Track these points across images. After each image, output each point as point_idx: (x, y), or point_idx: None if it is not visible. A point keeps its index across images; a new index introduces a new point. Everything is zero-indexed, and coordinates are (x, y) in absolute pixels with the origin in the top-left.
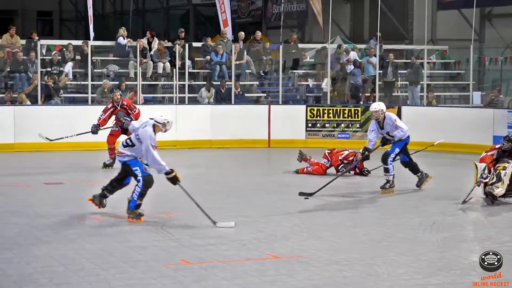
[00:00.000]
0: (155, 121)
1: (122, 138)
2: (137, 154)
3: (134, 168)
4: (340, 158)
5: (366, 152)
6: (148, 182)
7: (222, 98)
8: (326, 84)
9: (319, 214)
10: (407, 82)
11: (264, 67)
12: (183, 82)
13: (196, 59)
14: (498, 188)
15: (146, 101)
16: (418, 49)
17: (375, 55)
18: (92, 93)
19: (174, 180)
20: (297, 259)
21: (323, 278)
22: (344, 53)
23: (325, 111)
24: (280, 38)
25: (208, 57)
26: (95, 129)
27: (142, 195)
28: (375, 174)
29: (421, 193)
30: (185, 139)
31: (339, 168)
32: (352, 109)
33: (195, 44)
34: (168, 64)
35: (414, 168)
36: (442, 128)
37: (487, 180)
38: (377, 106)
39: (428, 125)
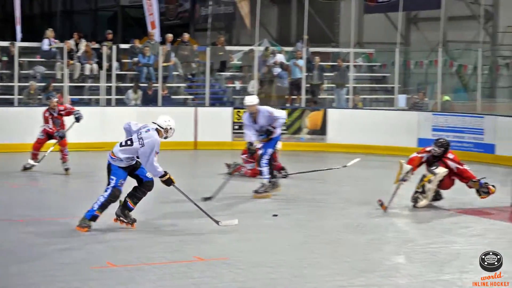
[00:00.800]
0: (158, 125)
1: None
2: (132, 153)
3: (112, 175)
4: None
5: (251, 147)
6: (115, 196)
7: (149, 100)
8: (253, 86)
9: (244, 216)
10: (333, 85)
11: (192, 69)
12: (110, 84)
13: (123, 60)
14: (422, 200)
15: (73, 103)
16: (344, 52)
17: (301, 58)
18: (18, 94)
19: (169, 183)
20: (223, 261)
21: (249, 280)
22: (271, 55)
23: None
24: (207, 40)
25: (136, 59)
26: (62, 135)
27: (104, 206)
28: (301, 177)
29: (346, 195)
30: (112, 140)
31: None
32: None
33: (122, 46)
34: (95, 66)
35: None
36: (368, 130)
37: (406, 180)
38: (253, 99)
39: (354, 127)
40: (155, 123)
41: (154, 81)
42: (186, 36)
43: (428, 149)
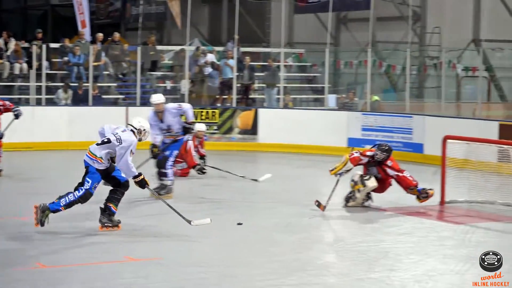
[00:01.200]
0: (133, 127)
1: None
2: (109, 149)
3: (87, 177)
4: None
5: (154, 149)
6: (85, 198)
7: (79, 99)
8: (184, 86)
9: (175, 216)
10: (264, 85)
11: (122, 68)
12: (40, 83)
13: (53, 60)
14: (353, 201)
15: None
16: (275, 52)
17: (232, 58)
18: None
19: (143, 184)
20: (155, 261)
21: (181, 280)
22: (202, 55)
23: None
24: (138, 40)
25: (66, 58)
26: (1, 135)
27: (70, 204)
28: (232, 177)
29: (277, 195)
30: (42, 140)
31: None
32: (210, 111)
33: (52, 45)
34: (25, 65)
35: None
36: (298, 130)
37: (342, 176)
38: (160, 97)
39: (285, 127)
40: (130, 125)
41: (84, 81)
42: (116, 35)
43: (369, 153)
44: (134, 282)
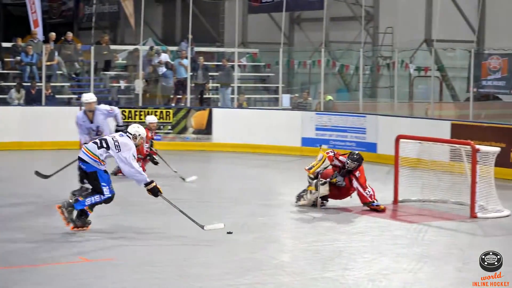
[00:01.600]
0: (128, 132)
1: None
2: (108, 153)
3: (102, 184)
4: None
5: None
6: (110, 201)
7: (32, 99)
8: (138, 85)
9: (128, 216)
10: (218, 85)
11: (76, 68)
12: None
13: (5, 59)
14: (304, 200)
15: None
16: (229, 52)
17: (186, 58)
18: None
19: (156, 191)
20: (108, 261)
21: (135, 280)
22: (156, 55)
23: (137, 113)
24: (91, 39)
25: (18, 58)
26: None
27: (94, 205)
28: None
29: (232, 194)
30: None
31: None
32: (164, 111)
33: (4, 45)
34: None
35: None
36: (252, 130)
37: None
38: (92, 96)
39: (239, 127)
40: (126, 131)
41: (37, 80)
42: (69, 35)
43: (341, 158)
44: (88, 283)
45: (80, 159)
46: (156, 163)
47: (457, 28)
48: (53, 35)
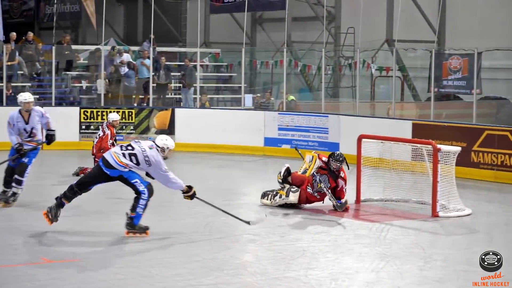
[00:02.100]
0: (156, 145)
1: None
2: (136, 161)
3: (133, 181)
4: None
5: (20, 147)
6: (151, 190)
7: None
8: (100, 86)
9: (94, 217)
10: (181, 85)
11: (37, 68)
12: None
13: None
14: (267, 200)
15: None
16: (191, 52)
17: (148, 57)
18: None
19: (193, 196)
20: (71, 262)
21: (98, 281)
22: (118, 55)
23: (99, 113)
24: (53, 39)
25: None
26: None
27: (146, 206)
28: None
29: None
30: None
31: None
32: (126, 111)
33: None
34: None
35: (17, 180)
36: (215, 130)
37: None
38: (30, 96)
39: (202, 127)
40: (153, 142)
41: None
42: (30, 34)
43: (324, 159)
44: (50, 284)
45: (104, 163)
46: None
47: (418, 29)
48: (13, 35)
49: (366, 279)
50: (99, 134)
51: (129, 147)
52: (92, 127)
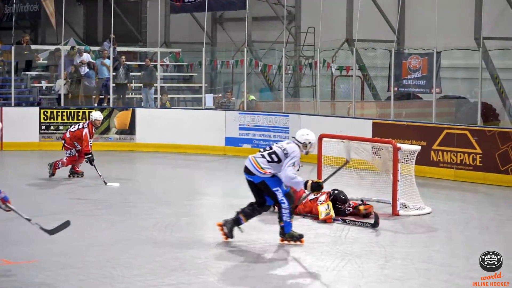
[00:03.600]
0: (296, 140)
1: None
2: (277, 170)
3: (274, 189)
4: None
5: None
6: (291, 198)
7: None
8: (59, 86)
9: (54, 217)
10: (141, 84)
11: None
12: None
13: None
14: None
15: None
16: (152, 52)
17: (108, 57)
18: None
19: (315, 187)
20: (31, 263)
21: (58, 282)
22: (78, 54)
23: (59, 113)
24: (12, 39)
25: None
26: None
27: (291, 213)
28: (112, 178)
29: (156, 195)
30: None
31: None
32: (86, 111)
33: None
34: None
35: None
36: (176, 130)
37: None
38: None
39: (162, 127)
40: (293, 138)
41: None
42: None
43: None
44: (10, 286)
45: (246, 170)
46: (92, 161)
47: (377, 28)
48: None
49: (327, 278)
50: (78, 126)
51: (267, 148)
52: (52, 127)
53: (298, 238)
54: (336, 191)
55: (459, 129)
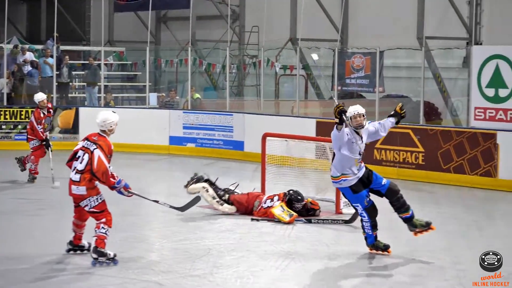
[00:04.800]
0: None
1: None
2: (337, 164)
3: (355, 205)
4: None
5: None
6: (370, 212)
7: None
8: (2, 85)
9: None
10: (85, 83)
11: None
12: None
13: None
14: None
15: None
16: (95, 50)
17: (51, 56)
18: None
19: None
20: None
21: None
22: (21, 53)
23: (2, 112)
24: None
25: None
26: None
27: (373, 226)
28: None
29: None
30: None
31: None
32: (29, 110)
33: None
34: None
35: None
36: (120, 129)
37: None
38: None
39: None
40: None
41: None
42: None
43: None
44: None
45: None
46: (48, 146)
47: (321, 27)
48: None
49: (271, 277)
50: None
51: None
52: None
53: (383, 248)
54: (291, 191)
55: (402, 128)
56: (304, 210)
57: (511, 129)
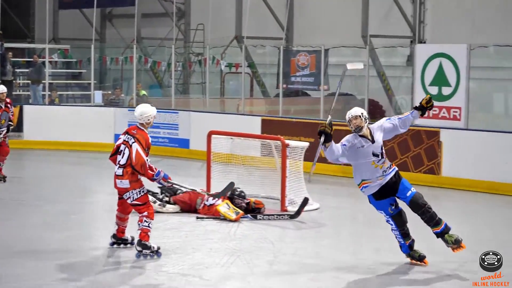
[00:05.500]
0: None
1: None
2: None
3: (379, 212)
4: None
5: None
6: (397, 220)
7: None
8: None
9: None
10: (29, 81)
11: None
12: None
13: None
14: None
15: None
16: (40, 48)
17: None
18: None
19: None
20: None
21: None
22: None
23: None
24: None
25: None
26: None
27: (404, 235)
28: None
29: (45, 193)
30: None
31: None
32: None
33: None
34: None
35: None
36: (65, 127)
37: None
38: None
39: (51, 124)
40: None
41: None
42: None
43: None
44: None
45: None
46: (9, 126)
47: (266, 25)
48: None
49: (216, 274)
50: None
51: None
52: None
53: (418, 259)
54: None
55: (346, 126)
56: (248, 209)
57: (454, 127)
